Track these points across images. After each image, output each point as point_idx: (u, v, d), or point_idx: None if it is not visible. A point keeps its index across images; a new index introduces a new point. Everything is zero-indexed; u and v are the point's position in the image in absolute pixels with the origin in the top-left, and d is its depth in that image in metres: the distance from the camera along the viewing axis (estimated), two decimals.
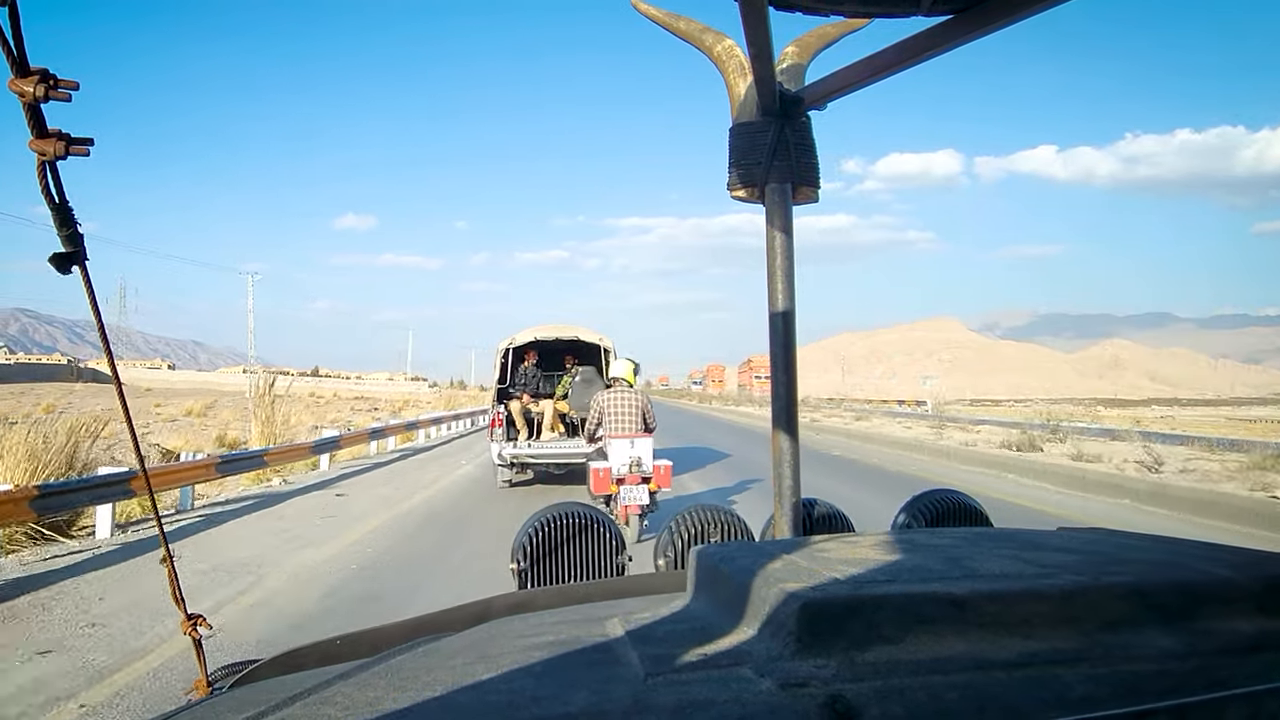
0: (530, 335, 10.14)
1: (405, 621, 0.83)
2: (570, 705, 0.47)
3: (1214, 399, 79.91)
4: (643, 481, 6.71)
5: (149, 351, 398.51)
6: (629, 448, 6.78)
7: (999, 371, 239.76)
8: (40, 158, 0.62)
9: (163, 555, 0.80)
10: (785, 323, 0.99)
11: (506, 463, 9.59)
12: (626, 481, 6.67)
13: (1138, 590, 0.54)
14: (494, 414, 9.81)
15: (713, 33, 1.07)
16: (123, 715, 3.13)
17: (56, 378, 50.04)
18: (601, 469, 6.79)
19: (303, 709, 0.54)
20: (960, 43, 0.76)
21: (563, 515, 1.10)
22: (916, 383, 69.58)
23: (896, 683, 0.47)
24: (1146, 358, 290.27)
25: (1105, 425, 18.87)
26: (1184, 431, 17.30)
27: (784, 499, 0.99)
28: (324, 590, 5.06)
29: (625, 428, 6.98)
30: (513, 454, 9.50)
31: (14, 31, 0.59)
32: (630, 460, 6.71)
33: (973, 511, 1.16)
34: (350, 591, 5.02)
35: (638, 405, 7.07)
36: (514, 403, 10.08)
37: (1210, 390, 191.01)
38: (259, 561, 5.85)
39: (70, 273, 0.66)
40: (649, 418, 7.16)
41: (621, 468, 6.70)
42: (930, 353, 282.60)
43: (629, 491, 6.65)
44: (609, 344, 9.77)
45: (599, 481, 6.75)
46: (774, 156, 0.98)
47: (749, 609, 0.56)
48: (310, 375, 78.59)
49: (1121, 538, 0.74)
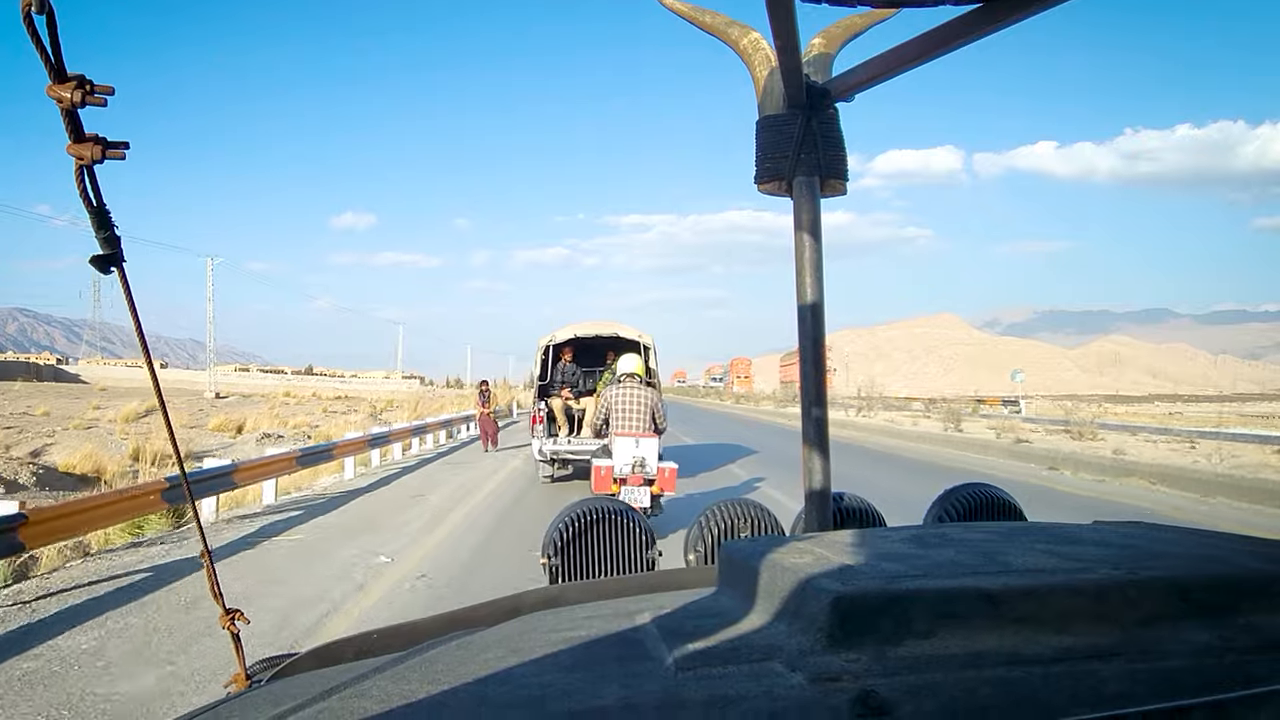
0: (570, 332, 10.30)
1: (439, 616, 0.84)
2: (602, 699, 0.47)
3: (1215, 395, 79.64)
4: (645, 483, 6.43)
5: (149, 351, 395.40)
6: (633, 447, 6.48)
7: (1000, 368, 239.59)
8: (78, 162, 0.63)
9: (201, 551, 0.82)
10: (814, 316, 0.99)
11: (547, 458, 9.85)
12: (628, 482, 6.40)
13: (1175, 585, 0.53)
14: (534, 411, 10.13)
15: (739, 26, 1.07)
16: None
17: (10, 375, 47.47)
18: (604, 467, 6.52)
19: (339, 701, 0.55)
20: (988, 32, 0.75)
21: (592, 510, 1.10)
22: (913, 379, 65.58)
23: (929, 678, 0.46)
24: (1147, 354, 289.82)
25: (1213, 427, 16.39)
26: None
27: (814, 493, 0.99)
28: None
29: (632, 426, 6.66)
30: (554, 450, 9.77)
31: (51, 39, 0.60)
32: (634, 460, 6.43)
33: (1006, 505, 1.15)
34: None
35: (647, 403, 6.74)
36: (555, 400, 10.26)
37: (1211, 386, 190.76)
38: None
39: (110, 273, 0.67)
40: (659, 417, 6.83)
41: (624, 467, 6.42)
42: (931, 349, 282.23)
43: (630, 493, 6.35)
44: (649, 340, 9.79)
45: (600, 480, 6.50)
46: (801, 149, 0.98)
47: (779, 603, 0.56)
48: (304, 374, 77.85)
49: (1158, 531, 0.73)
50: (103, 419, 21.12)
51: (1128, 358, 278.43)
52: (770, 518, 1.13)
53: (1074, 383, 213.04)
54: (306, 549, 6.31)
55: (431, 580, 5.28)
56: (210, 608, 5.81)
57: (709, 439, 17.96)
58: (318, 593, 4.94)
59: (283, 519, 7.70)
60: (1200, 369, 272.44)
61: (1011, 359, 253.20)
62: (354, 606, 4.69)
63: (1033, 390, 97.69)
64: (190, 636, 4.04)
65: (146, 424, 19.28)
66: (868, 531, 0.78)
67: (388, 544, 6.53)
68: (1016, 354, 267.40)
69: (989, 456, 14.18)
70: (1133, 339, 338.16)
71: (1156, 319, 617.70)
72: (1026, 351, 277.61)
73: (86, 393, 36.44)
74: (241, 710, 0.66)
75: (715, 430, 21.68)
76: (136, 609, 4.52)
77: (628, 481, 6.42)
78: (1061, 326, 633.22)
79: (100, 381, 49.66)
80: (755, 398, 50.73)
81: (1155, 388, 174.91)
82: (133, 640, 4.00)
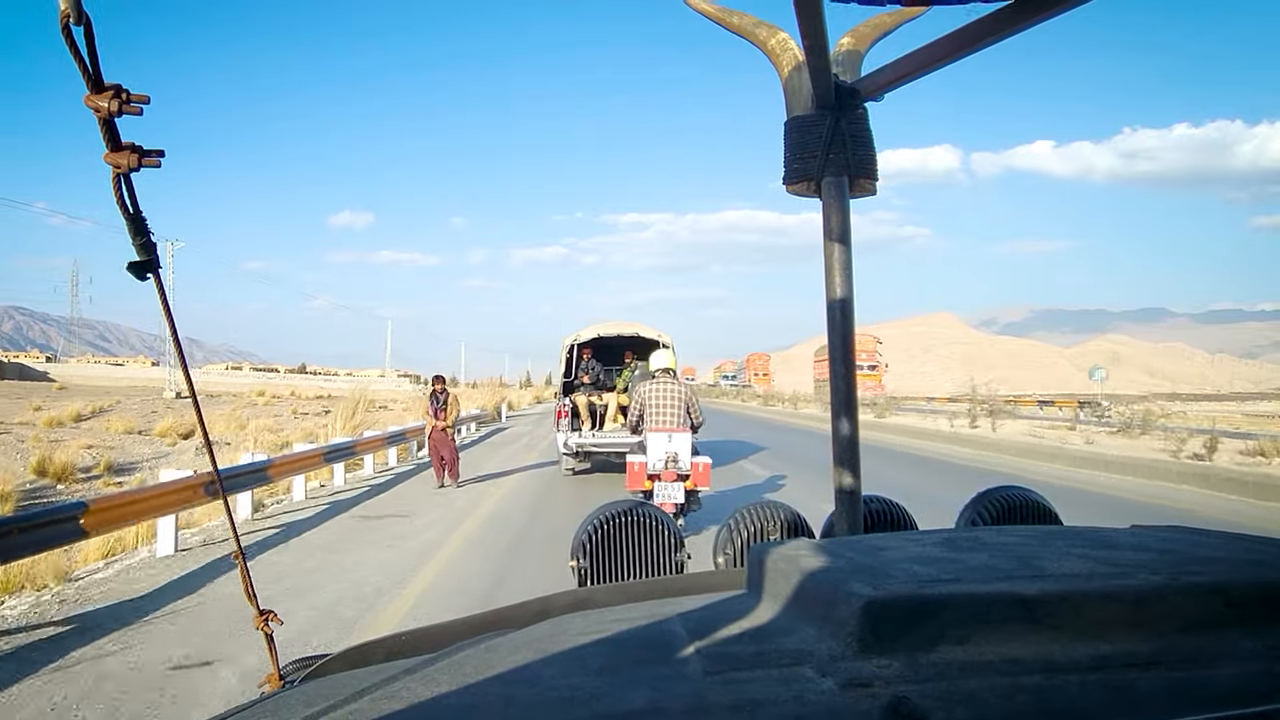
0: (593, 332, 10.92)
1: (468, 618, 0.84)
2: (630, 702, 0.47)
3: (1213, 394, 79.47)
4: (679, 479, 6.35)
5: (142, 349, 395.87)
6: (666, 442, 6.38)
7: (997, 367, 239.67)
8: (115, 170, 0.64)
9: (235, 553, 0.82)
10: (844, 314, 0.98)
11: (572, 451, 10.32)
12: (662, 478, 6.32)
13: (1218, 591, 0.52)
14: (559, 406, 10.66)
15: (766, 26, 1.06)
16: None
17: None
18: (637, 463, 6.43)
19: (370, 703, 0.55)
20: (1018, 29, 0.74)
21: (621, 513, 1.09)
22: (911, 379, 59.74)
23: (963, 685, 0.45)
24: (1144, 353, 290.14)
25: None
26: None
27: (844, 495, 0.97)
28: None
29: (666, 421, 6.54)
30: (578, 443, 10.28)
31: (89, 49, 0.60)
32: (666, 455, 6.34)
33: (1041, 509, 1.12)
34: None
35: (681, 398, 6.62)
36: (579, 396, 10.83)
37: (1209, 385, 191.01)
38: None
39: (146, 279, 0.68)
40: (694, 412, 6.74)
41: (657, 463, 6.33)
42: (928, 348, 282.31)
43: (663, 489, 6.29)
44: (668, 339, 10.14)
45: (634, 476, 6.40)
46: (830, 149, 0.97)
47: (810, 607, 0.55)
48: (297, 372, 76.66)
49: (1199, 536, 0.71)
50: (39, 421, 19.40)
51: (1125, 357, 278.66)
52: (800, 520, 1.12)
53: (1071, 382, 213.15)
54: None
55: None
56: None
57: (790, 466, 11.29)
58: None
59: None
60: (1197, 368, 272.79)
61: (1008, 358, 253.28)
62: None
63: (1030, 390, 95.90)
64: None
65: (77, 430, 17.72)
66: (899, 535, 0.77)
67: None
68: (1013, 353, 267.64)
69: (1227, 495, 8.70)
70: (1130, 338, 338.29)
71: (1153, 318, 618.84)
72: (1023, 351, 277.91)
73: (39, 391, 34.94)
74: (275, 710, 0.66)
75: (788, 451, 14.15)
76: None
77: (661, 477, 6.35)
78: (1058, 326, 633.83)
79: (72, 380, 47.93)
80: (792, 399, 41.65)
81: (1154, 387, 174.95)
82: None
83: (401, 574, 5.61)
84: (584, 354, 11.28)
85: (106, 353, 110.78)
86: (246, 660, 3.83)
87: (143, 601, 4.94)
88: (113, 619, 4.57)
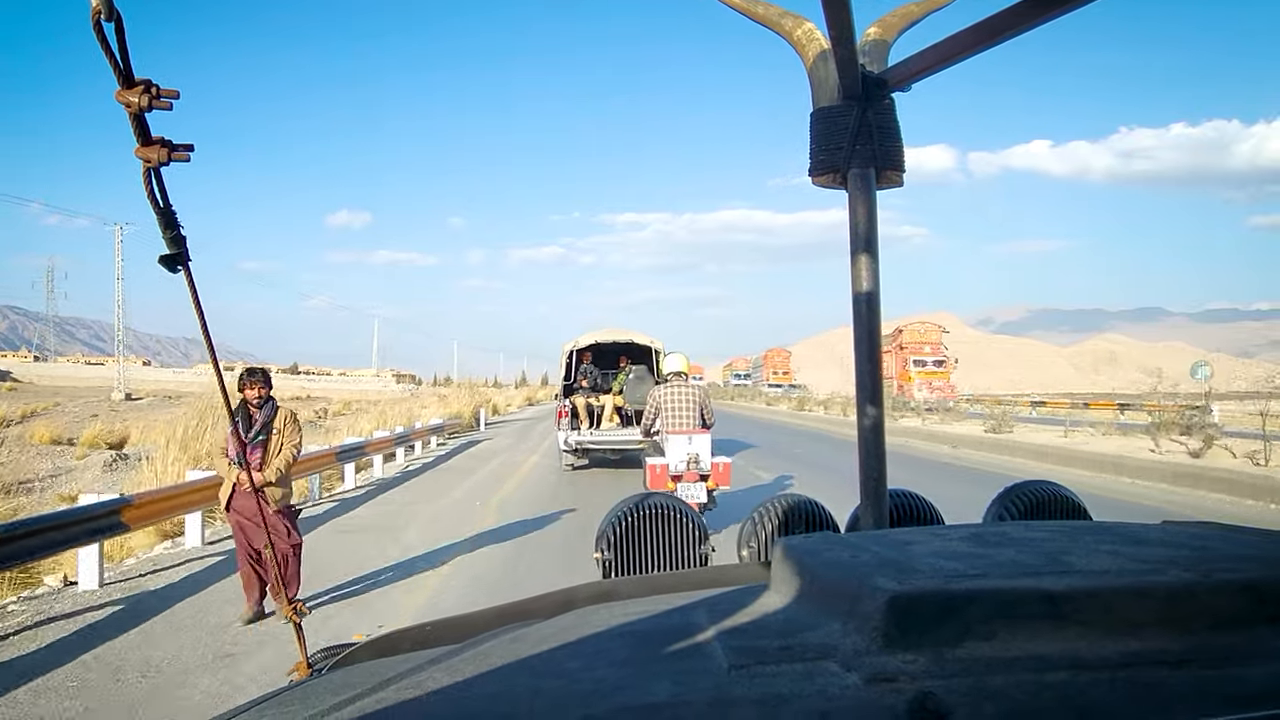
0: (591, 339, 11.92)
1: (493, 609, 0.84)
2: (654, 695, 0.47)
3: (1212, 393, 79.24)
4: (700, 479, 6.53)
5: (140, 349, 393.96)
6: (686, 444, 6.58)
7: (995, 367, 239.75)
8: (145, 165, 0.64)
9: (265, 544, 0.83)
10: (869, 308, 0.96)
11: (571, 448, 11.11)
12: (684, 479, 6.49)
13: (1252, 589, 0.51)
14: (560, 407, 11.47)
15: (792, 16, 1.05)
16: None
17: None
18: (658, 465, 6.59)
19: (396, 691, 0.56)
20: (1047, 19, 0.73)
21: (646, 506, 1.09)
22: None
23: (989, 681, 0.45)
24: (1141, 352, 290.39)
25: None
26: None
27: (870, 489, 0.97)
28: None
29: (683, 423, 6.79)
30: (577, 441, 11.04)
31: (120, 45, 0.61)
32: (688, 457, 6.52)
33: (1070, 504, 1.10)
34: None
35: (695, 400, 6.88)
36: (578, 398, 11.59)
37: (1207, 385, 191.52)
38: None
39: (177, 272, 0.69)
40: (707, 414, 6.96)
41: (679, 464, 6.53)
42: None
43: (686, 489, 6.45)
44: (659, 345, 11.22)
45: (655, 478, 6.56)
46: (856, 140, 0.95)
47: (835, 602, 0.55)
48: (288, 372, 76.13)
49: (1232, 532, 0.70)
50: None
51: (1122, 356, 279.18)
52: (825, 514, 1.11)
53: (1068, 381, 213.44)
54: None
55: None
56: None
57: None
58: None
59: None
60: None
61: (1006, 358, 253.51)
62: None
63: (1028, 389, 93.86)
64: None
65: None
66: (925, 529, 0.77)
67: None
68: (1011, 352, 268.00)
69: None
70: (1127, 337, 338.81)
71: (1150, 318, 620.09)
72: (1021, 350, 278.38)
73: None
74: (304, 697, 0.67)
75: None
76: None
77: (683, 478, 6.50)
78: (1055, 325, 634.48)
79: (41, 379, 46.12)
80: (837, 402, 31.20)
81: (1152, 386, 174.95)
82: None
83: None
84: (583, 359, 12.11)
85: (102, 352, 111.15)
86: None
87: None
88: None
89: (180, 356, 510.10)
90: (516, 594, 2.82)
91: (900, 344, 34.66)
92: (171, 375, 44.93)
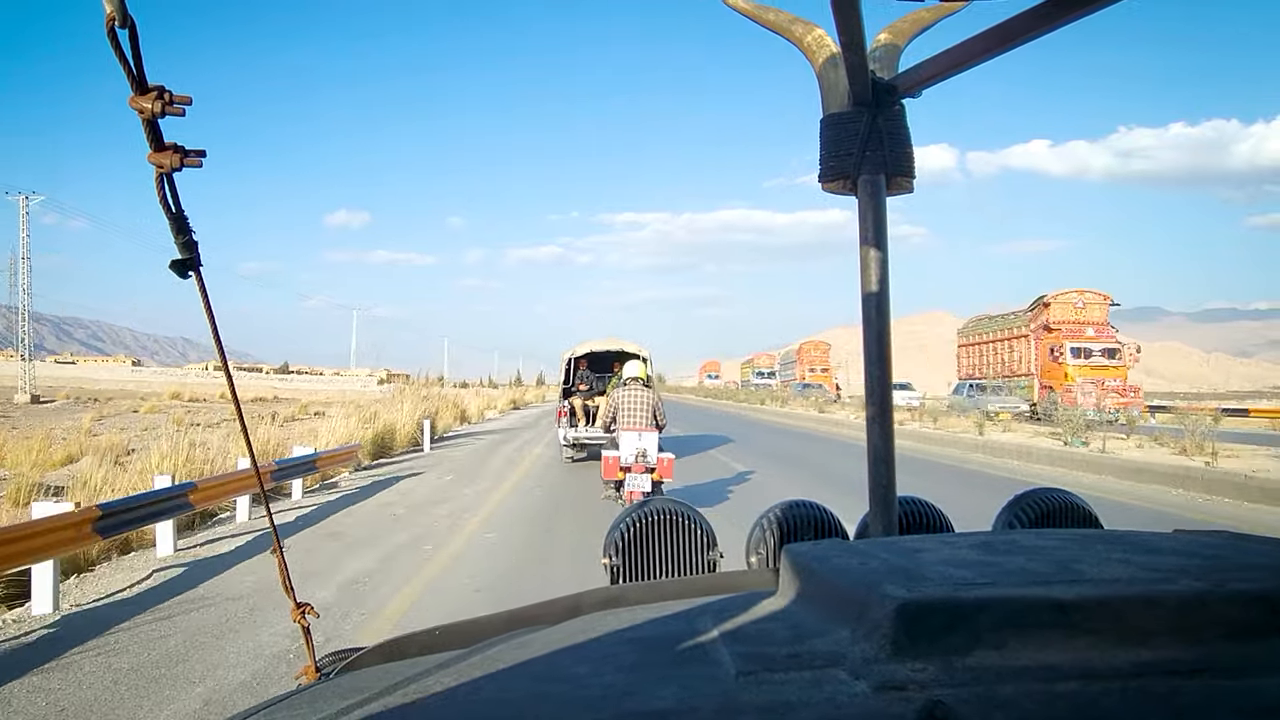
0: (586, 348, 13.59)
1: (501, 614, 0.84)
2: (661, 701, 0.47)
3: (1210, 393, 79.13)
4: (647, 471, 7.44)
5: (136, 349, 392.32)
6: (636, 440, 7.52)
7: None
8: (158, 170, 0.65)
9: (273, 547, 0.83)
10: (879, 313, 0.96)
11: (570, 443, 13.02)
12: (632, 470, 7.42)
13: (1265, 598, 0.51)
14: (559, 408, 13.43)
15: (802, 23, 1.04)
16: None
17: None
18: (611, 457, 7.61)
19: (403, 696, 0.56)
20: (1060, 24, 0.72)
21: (654, 511, 1.09)
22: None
23: (999, 690, 0.45)
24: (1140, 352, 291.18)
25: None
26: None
27: (879, 496, 0.96)
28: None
29: (636, 422, 7.69)
30: (575, 437, 12.93)
31: (134, 51, 0.61)
32: (637, 451, 7.45)
33: (1081, 512, 1.09)
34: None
35: (648, 403, 7.79)
36: (575, 399, 13.31)
37: (1205, 384, 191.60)
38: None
39: (188, 278, 0.69)
40: (659, 415, 7.84)
41: (628, 457, 7.46)
42: (923, 347, 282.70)
43: (634, 479, 7.41)
44: (646, 353, 12.69)
45: (608, 468, 7.59)
46: (866, 147, 0.95)
47: (843, 609, 0.54)
48: (280, 372, 74.93)
49: (1245, 541, 0.69)
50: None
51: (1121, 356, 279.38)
52: (834, 520, 1.11)
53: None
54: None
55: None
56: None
57: None
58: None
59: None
60: (1193, 367, 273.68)
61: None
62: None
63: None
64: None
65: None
66: (934, 537, 0.76)
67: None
68: None
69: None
70: (1126, 337, 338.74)
71: (1149, 317, 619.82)
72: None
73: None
74: (312, 700, 0.67)
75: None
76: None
77: (632, 469, 7.47)
78: None
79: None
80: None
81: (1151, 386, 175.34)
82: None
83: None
84: (580, 365, 13.76)
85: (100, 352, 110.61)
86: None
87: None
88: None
89: (178, 355, 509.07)
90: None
91: (1046, 324, 22.78)
92: (150, 375, 42.52)
